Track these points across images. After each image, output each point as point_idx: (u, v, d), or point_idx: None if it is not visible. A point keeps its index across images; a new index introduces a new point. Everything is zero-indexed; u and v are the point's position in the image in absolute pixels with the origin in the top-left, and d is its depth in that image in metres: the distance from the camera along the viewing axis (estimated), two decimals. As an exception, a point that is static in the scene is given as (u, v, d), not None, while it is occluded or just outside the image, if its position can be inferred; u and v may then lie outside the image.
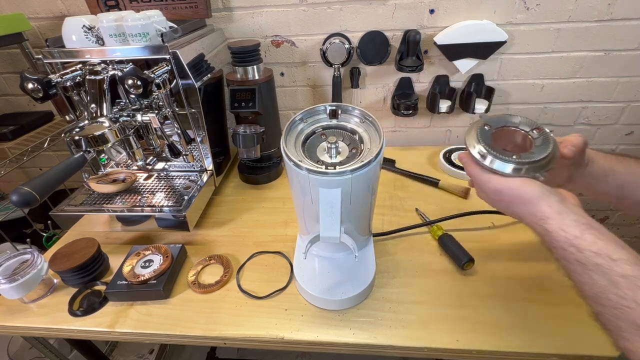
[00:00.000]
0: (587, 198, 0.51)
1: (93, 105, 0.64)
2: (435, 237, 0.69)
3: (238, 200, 0.87)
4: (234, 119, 0.89)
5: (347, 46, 0.88)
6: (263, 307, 0.59)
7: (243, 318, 0.57)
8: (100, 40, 0.70)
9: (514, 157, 0.42)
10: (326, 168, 0.45)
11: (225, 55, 0.87)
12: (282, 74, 0.99)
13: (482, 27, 0.83)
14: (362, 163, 0.44)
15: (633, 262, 0.32)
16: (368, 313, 0.56)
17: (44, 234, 0.94)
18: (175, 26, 0.74)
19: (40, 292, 0.63)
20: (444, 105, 0.93)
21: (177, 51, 0.66)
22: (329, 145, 0.49)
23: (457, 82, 0.96)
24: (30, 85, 0.60)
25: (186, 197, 0.74)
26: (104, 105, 0.64)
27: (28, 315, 0.60)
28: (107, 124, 0.62)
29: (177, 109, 0.73)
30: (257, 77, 0.83)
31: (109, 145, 0.62)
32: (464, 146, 0.46)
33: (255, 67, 0.82)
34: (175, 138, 0.77)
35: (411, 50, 0.87)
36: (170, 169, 0.85)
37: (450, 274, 0.62)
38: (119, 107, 0.69)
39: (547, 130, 0.45)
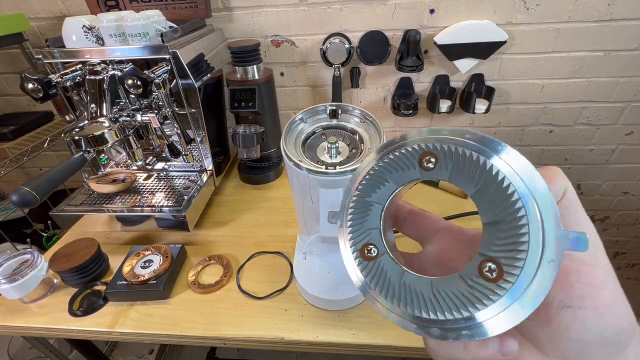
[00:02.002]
0: (587, 198, 0.49)
1: (93, 105, 0.64)
2: (435, 237, 0.69)
3: (238, 200, 0.87)
4: (234, 119, 0.89)
5: (347, 46, 0.87)
6: (263, 308, 0.59)
7: (243, 318, 0.57)
8: (100, 40, 0.70)
9: None
10: (326, 168, 0.45)
11: (225, 55, 0.87)
12: (282, 74, 0.99)
13: (482, 27, 0.83)
14: (362, 163, 0.44)
15: None
16: (368, 313, 0.56)
17: (44, 234, 0.94)
18: (175, 26, 0.74)
19: (40, 292, 0.63)
20: (444, 105, 0.93)
21: (177, 51, 0.66)
22: (329, 145, 0.49)
23: (457, 82, 0.96)
24: (30, 85, 0.60)
25: (186, 197, 0.74)
26: (104, 105, 0.64)
27: (28, 315, 0.60)
28: (107, 124, 0.62)
29: (177, 109, 0.73)
30: (257, 77, 0.83)
31: (109, 145, 0.62)
32: None
33: (255, 67, 0.82)
34: (175, 138, 0.77)
35: (411, 50, 0.87)
36: (170, 169, 0.85)
37: (450, 274, 0.62)
38: (118, 107, 0.69)
39: None
